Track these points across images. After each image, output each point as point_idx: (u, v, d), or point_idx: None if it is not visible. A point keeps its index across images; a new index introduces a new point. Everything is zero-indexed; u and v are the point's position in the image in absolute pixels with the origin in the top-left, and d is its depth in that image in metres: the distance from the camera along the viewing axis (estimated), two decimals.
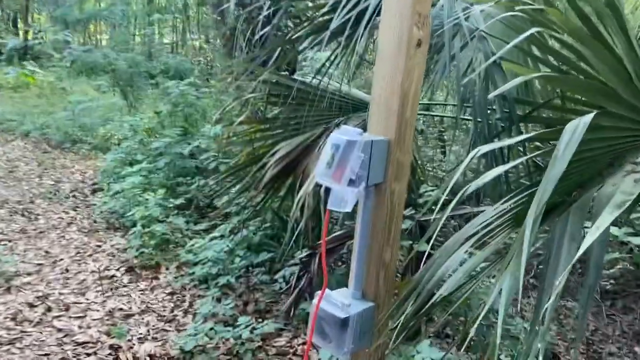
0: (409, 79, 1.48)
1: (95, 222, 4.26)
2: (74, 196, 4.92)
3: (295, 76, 3.30)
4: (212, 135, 4.61)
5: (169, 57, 9.37)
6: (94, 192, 5.15)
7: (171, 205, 4.09)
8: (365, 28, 2.20)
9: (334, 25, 2.25)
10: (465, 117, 2.47)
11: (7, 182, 5.12)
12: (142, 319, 2.83)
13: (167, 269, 3.48)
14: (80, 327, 2.68)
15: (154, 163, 4.89)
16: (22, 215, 4.26)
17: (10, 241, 3.70)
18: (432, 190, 2.87)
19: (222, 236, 3.76)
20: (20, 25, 18.59)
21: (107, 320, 2.77)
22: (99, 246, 3.78)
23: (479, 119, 2.07)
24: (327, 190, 1.47)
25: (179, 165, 4.75)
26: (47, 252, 3.59)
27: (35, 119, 7.85)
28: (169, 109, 5.12)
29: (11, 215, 4.21)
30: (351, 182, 1.41)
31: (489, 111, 2.10)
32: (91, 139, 6.93)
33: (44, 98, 10.02)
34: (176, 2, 17.41)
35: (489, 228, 1.41)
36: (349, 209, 1.42)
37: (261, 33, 3.44)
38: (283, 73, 3.64)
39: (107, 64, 6.19)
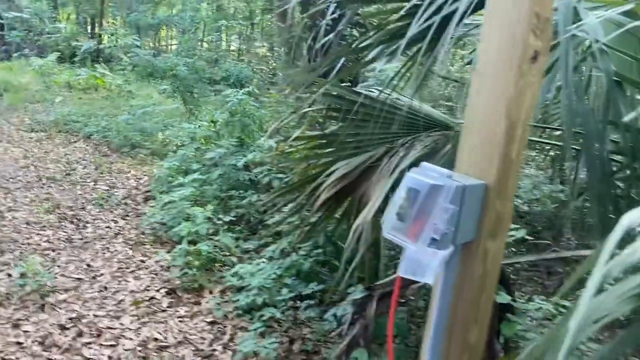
0: (519, 103, 1.09)
1: (142, 233, 4.08)
2: (125, 204, 4.80)
3: (358, 89, 2.95)
4: (267, 148, 4.36)
5: (231, 64, 9.28)
6: (146, 200, 5.01)
7: (220, 222, 3.84)
8: (448, 35, 1.83)
9: (412, 32, 1.89)
10: (575, 146, 2.00)
11: (63, 185, 5.08)
12: (178, 352, 2.56)
13: (210, 292, 3.21)
14: (110, 357, 2.44)
15: (207, 174, 4.69)
16: (71, 222, 4.15)
17: (54, 251, 3.56)
18: (515, 230, 2.42)
19: (270, 257, 3.47)
20: (95, 28, 19.35)
21: (140, 351, 2.52)
22: (143, 261, 3.58)
23: (593, 151, 1.64)
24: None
25: (232, 178, 4.52)
26: (88, 265, 3.42)
27: (99, 121, 7.94)
28: (226, 118, 4.92)
29: (60, 222, 4.11)
30: (433, 242, 1.04)
31: (604, 142, 1.66)
32: (150, 144, 6.88)
33: (110, 100, 10.22)
34: (243, 9, 17.58)
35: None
36: (430, 280, 1.04)
37: (323, 41, 3.12)
38: (345, 85, 3.31)
39: (168, 69, 6.08)
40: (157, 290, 3.16)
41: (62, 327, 2.64)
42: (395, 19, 2.22)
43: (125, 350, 2.51)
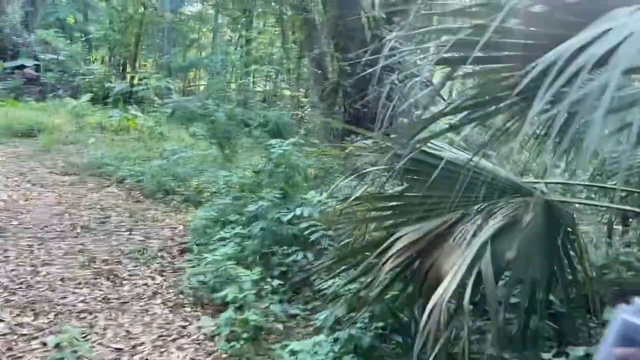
0: None
1: (181, 293, 3.82)
2: (161, 257, 4.56)
3: (433, 150, 2.69)
4: (315, 203, 4.12)
5: (265, 108, 9.20)
6: (182, 252, 4.78)
7: (268, 287, 3.56)
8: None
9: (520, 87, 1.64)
10: None
11: (98, 234, 4.89)
12: None
13: None
14: None
15: (248, 227, 4.45)
16: (107, 278, 3.91)
17: (91, 314, 3.31)
18: None
19: (321, 327, 3.17)
20: (128, 70, 19.76)
21: None
22: (184, 327, 3.30)
23: None
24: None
25: (275, 232, 4.27)
26: (128, 331, 3.15)
27: (131, 165, 7.85)
28: (269, 168, 4.71)
29: (96, 279, 3.87)
30: None
31: None
32: (183, 190, 6.71)
33: (142, 142, 10.19)
34: (273, 53, 17.76)
35: None
36: None
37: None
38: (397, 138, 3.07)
39: (206, 115, 5.96)
40: None
41: None
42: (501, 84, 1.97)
43: None
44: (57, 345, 2.77)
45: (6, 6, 17.76)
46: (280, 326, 3.34)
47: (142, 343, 3.04)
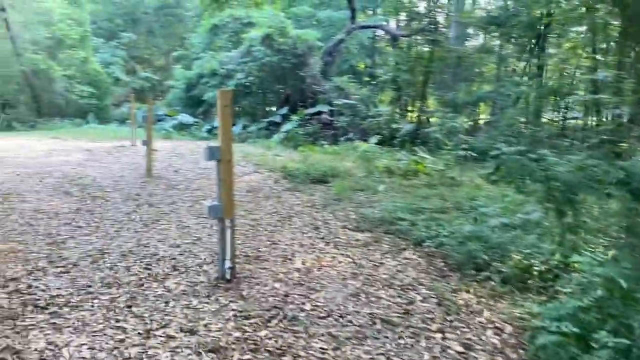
0: None
1: None
2: None
3: None
4: None
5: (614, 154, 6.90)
6: None
7: None
8: None
9: None
10: None
11: (402, 335, 3.62)
12: None
13: None
14: None
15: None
16: None
17: None
18: None
19: None
20: (411, 109, 19.34)
21: None
22: None
23: None
24: None
25: None
26: None
27: (428, 221, 6.64)
28: None
29: None
30: None
31: None
32: (499, 264, 5.07)
33: (433, 189, 9.04)
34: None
35: None
36: None
37: None
38: None
39: (540, 170, 4.26)
40: None
41: None
42: None
43: None
44: None
45: (309, 59, 19.43)
46: None
47: None
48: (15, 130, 22.14)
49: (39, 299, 3.84)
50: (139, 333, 3.36)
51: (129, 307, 3.79)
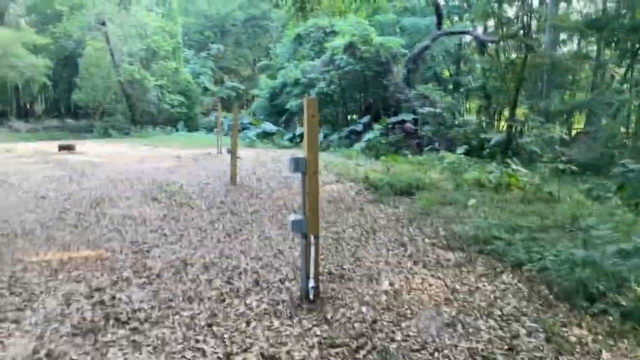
0: None
1: None
2: None
3: None
4: None
5: None
6: None
7: None
8: None
9: None
10: None
11: None
12: None
13: None
14: None
15: None
16: None
17: None
18: None
19: None
20: (502, 118, 18.37)
21: None
22: None
23: None
24: None
25: None
26: None
27: (527, 241, 6.02)
28: None
29: None
30: None
31: None
32: (617, 296, 4.41)
33: (529, 205, 8.31)
34: None
35: None
36: None
37: None
38: None
39: None
40: None
41: None
42: None
43: None
44: None
45: (393, 66, 19.01)
46: None
47: None
48: (111, 137, 23.60)
49: (121, 313, 3.79)
50: (218, 358, 3.17)
51: (210, 325, 3.63)
